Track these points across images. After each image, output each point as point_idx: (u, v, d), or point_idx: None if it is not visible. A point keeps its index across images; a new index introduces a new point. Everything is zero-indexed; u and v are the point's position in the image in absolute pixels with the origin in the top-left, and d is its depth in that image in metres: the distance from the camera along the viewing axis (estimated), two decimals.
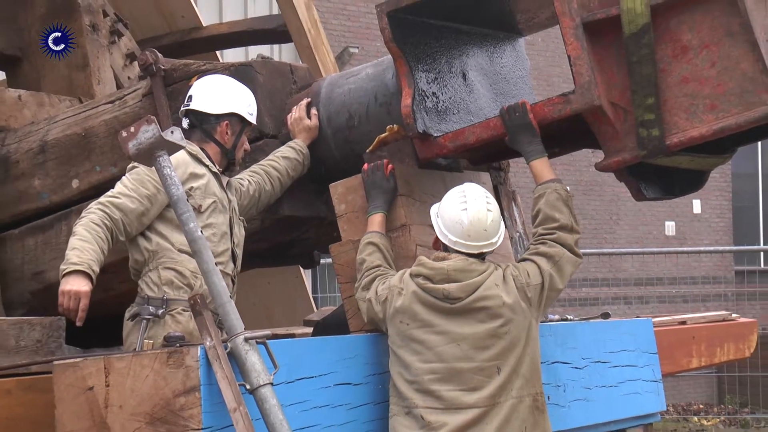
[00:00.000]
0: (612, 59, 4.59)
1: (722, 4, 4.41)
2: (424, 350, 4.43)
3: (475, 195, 4.55)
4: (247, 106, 5.10)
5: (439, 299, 4.45)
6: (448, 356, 4.42)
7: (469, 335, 4.43)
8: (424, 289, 4.47)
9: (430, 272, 4.48)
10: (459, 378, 4.41)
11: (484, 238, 4.51)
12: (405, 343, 4.46)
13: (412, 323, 4.46)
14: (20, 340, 4.81)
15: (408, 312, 4.47)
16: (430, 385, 4.40)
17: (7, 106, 6.08)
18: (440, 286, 4.46)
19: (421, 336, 4.44)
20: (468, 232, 4.50)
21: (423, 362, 4.42)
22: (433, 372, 4.41)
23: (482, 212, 4.51)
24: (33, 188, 5.78)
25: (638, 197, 4.94)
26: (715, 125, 4.47)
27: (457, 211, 4.51)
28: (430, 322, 4.45)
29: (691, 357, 7.03)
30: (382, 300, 4.55)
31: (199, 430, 3.88)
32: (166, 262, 4.91)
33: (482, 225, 4.50)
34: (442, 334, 4.44)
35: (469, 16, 5.11)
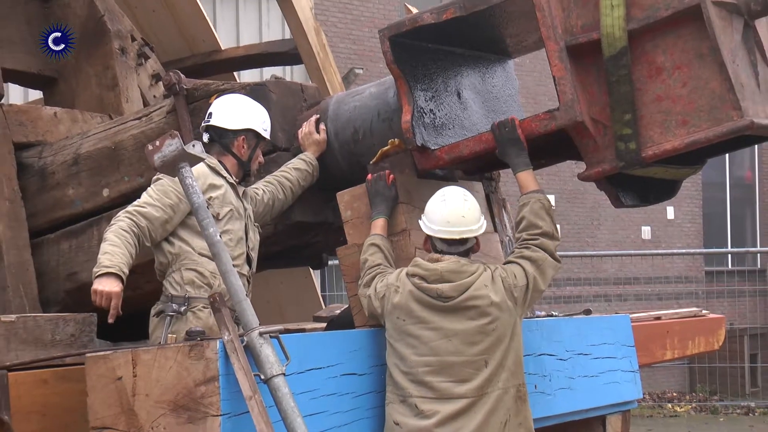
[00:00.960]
0: (593, 79, 4.58)
1: (692, 29, 4.41)
2: (419, 344, 4.44)
3: (453, 191, 4.62)
4: (261, 123, 5.11)
5: (433, 298, 4.46)
6: (440, 350, 4.43)
7: (459, 331, 4.44)
8: (419, 288, 4.48)
9: (425, 273, 4.49)
10: (450, 370, 4.42)
11: (464, 224, 4.54)
12: (401, 337, 4.47)
13: (408, 319, 4.47)
14: (56, 334, 4.81)
15: (404, 309, 4.48)
16: (424, 377, 4.41)
17: (45, 122, 6.09)
18: (434, 286, 4.46)
19: (416, 331, 4.45)
20: (447, 219, 4.53)
21: (417, 355, 4.43)
22: (427, 365, 4.42)
23: (459, 201, 4.56)
24: (67, 196, 5.78)
25: (617, 204, 4.93)
26: (686, 139, 4.47)
27: (437, 204, 4.58)
28: (424, 318, 4.45)
29: (665, 349, 7.02)
30: (380, 297, 4.56)
31: (218, 416, 3.88)
32: (188, 264, 4.91)
33: (460, 212, 4.54)
34: (436, 330, 4.44)
35: (463, 40, 5.11)
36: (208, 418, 3.89)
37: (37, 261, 5.74)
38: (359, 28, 16.18)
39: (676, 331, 7.17)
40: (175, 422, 3.93)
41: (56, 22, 6.54)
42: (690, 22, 4.40)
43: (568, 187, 17.25)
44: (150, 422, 3.97)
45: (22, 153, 5.91)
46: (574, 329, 5.53)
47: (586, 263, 17.58)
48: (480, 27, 4.92)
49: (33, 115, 6.11)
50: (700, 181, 19.79)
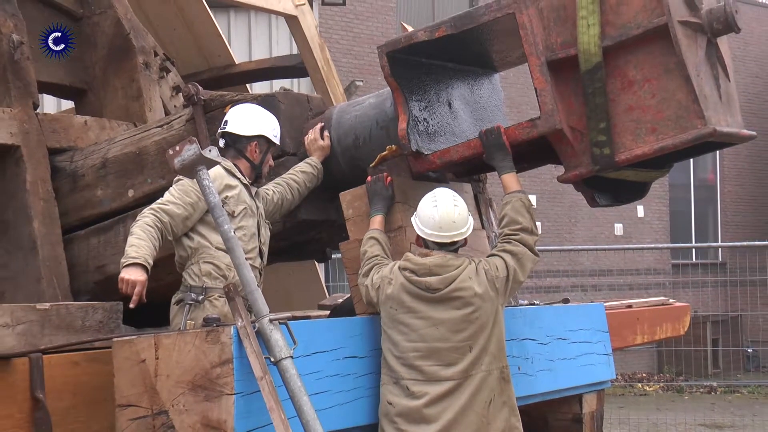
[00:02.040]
0: (571, 91, 4.58)
1: (660, 45, 4.41)
2: (409, 332, 4.45)
3: (444, 195, 4.60)
4: (272, 130, 5.11)
5: (422, 290, 4.47)
6: (428, 337, 4.44)
7: (446, 320, 4.45)
8: (410, 281, 4.49)
9: (415, 267, 4.50)
10: (437, 355, 4.43)
11: (454, 229, 4.54)
12: (393, 325, 4.48)
13: (399, 309, 4.48)
14: (86, 321, 4.80)
15: (396, 299, 4.49)
16: (414, 361, 4.42)
17: (75, 129, 6.08)
18: (423, 279, 4.47)
19: (407, 320, 4.46)
20: (439, 224, 4.53)
21: (408, 341, 4.44)
22: (417, 350, 4.43)
23: (450, 208, 4.55)
24: (96, 197, 5.78)
25: (592, 204, 4.94)
26: (655, 145, 4.46)
27: (429, 209, 4.56)
28: (414, 308, 4.47)
29: (635, 334, 7.03)
30: (376, 288, 4.57)
31: (232, 395, 3.88)
32: (206, 257, 4.91)
33: (451, 218, 4.54)
34: (424, 318, 4.46)
35: (453, 55, 5.11)
36: (223, 397, 3.89)
37: (68, 255, 5.74)
38: (359, 45, 16.17)
39: (646, 318, 7.18)
40: (193, 400, 3.93)
41: (86, 39, 6.54)
42: (658, 40, 4.40)
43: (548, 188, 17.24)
44: (170, 400, 3.97)
45: (56, 157, 5.91)
46: (553, 316, 5.53)
47: (564, 257, 17.58)
48: (469, 44, 4.93)
49: (65, 123, 6.11)
50: (667, 183, 19.79)
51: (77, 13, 6.54)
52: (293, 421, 3.94)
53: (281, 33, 11.98)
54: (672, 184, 20.07)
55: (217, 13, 7.62)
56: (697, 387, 15.82)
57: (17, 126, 5.68)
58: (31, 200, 5.63)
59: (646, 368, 17.83)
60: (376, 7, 16.93)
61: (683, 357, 15.80)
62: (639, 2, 4.42)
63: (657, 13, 4.38)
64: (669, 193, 20.27)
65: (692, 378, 16.13)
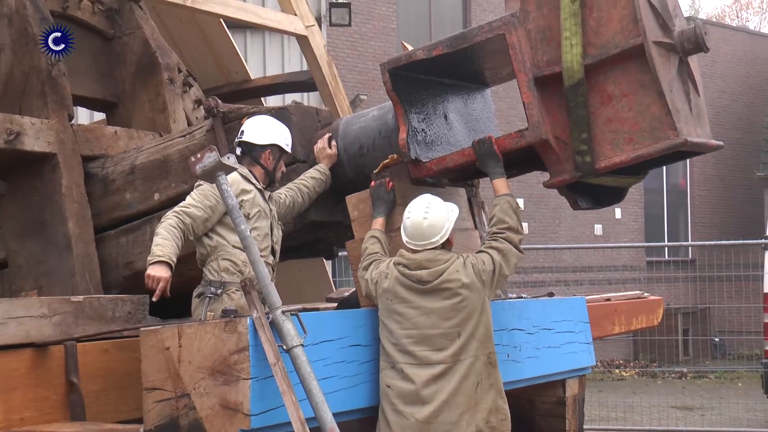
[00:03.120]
0: (556, 104, 4.57)
1: (637, 64, 4.40)
2: (403, 320, 4.46)
3: (417, 207, 4.58)
4: (284, 139, 5.11)
5: (414, 282, 4.48)
6: (420, 324, 4.44)
7: (436, 309, 4.45)
8: (403, 274, 4.50)
9: (408, 261, 4.52)
10: (429, 341, 4.44)
11: (423, 239, 4.54)
12: (389, 314, 4.49)
13: (394, 300, 4.48)
14: (115, 312, 4.81)
15: (392, 291, 4.49)
16: (408, 347, 4.43)
17: (107, 138, 6.09)
18: (414, 272, 4.48)
19: (401, 309, 4.47)
20: (410, 235, 4.55)
21: (402, 329, 4.45)
22: (410, 336, 4.44)
23: (418, 219, 4.54)
24: (125, 200, 5.78)
25: (575, 207, 4.93)
26: (632, 154, 4.46)
27: (404, 218, 4.60)
28: (407, 299, 4.47)
29: (614, 325, 7.01)
30: (374, 282, 4.57)
31: (248, 379, 3.88)
32: (224, 254, 4.92)
33: (419, 229, 4.54)
34: (416, 308, 4.46)
35: (449, 72, 5.10)
36: (240, 381, 3.89)
37: (100, 252, 5.74)
38: (364, 62, 16.17)
39: (623, 310, 7.17)
40: (212, 384, 3.93)
41: (117, 57, 6.55)
42: (635, 59, 4.40)
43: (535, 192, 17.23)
44: (192, 384, 3.97)
45: (88, 164, 5.91)
46: (539, 308, 5.52)
47: (549, 254, 17.58)
48: (463, 61, 4.92)
49: (97, 133, 6.11)
50: (643, 188, 19.78)
51: (109, 34, 6.55)
52: (303, 403, 3.95)
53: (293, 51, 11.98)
54: (647, 188, 20.07)
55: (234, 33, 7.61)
56: (669, 373, 15.81)
57: (54, 136, 5.69)
58: (66, 203, 5.64)
59: (623, 356, 17.83)
60: (378, 27, 16.93)
61: (656, 345, 15.78)
62: (617, 24, 4.42)
63: (633, 34, 4.37)
64: (644, 196, 20.27)
65: (665, 364, 16.13)
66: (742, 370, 15.88)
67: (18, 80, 5.79)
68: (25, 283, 5.67)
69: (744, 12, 40.23)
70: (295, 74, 7.97)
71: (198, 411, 3.93)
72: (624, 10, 4.40)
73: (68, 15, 6.29)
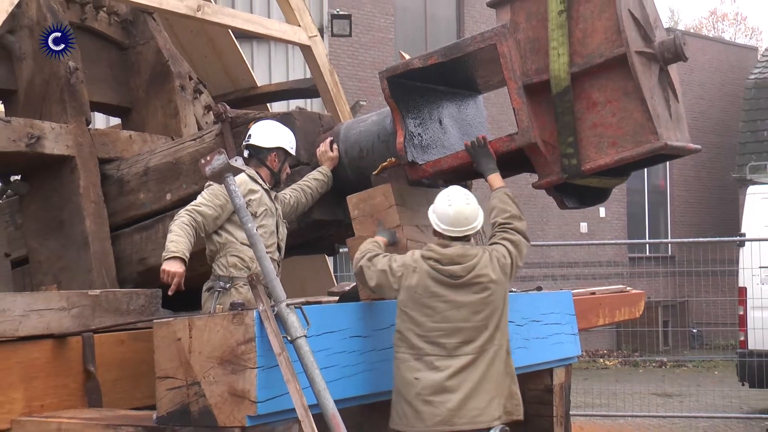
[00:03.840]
0: (544, 110, 4.57)
1: (620, 72, 4.41)
2: (434, 313, 4.36)
3: (457, 194, 4.50)
4: (289, 142, 5.11)
5: (446, 277, 4.38)
6: (451, 318, 4.36)
7: (467, 303, 4.37)
8: (434, 269, 4.39)
9: (439, 256, 4.41)
10: (459, 333, 4.36)
11: (467, 224, 4.45)
12: (417, 307, 4.38)
13: (424, 293, 4.37)
14: (130, 305, 4.81)
15: (422, 286, 4.38)
16: (438, 339, 4.35)
17: (122, 142, 6.09)
18: (447, 268, 4.38)
19: (431, 303, 4.37)
20: (454, 221, 4.43)
21: (433, 322, 4.36)
22: (441, 329, 4.35)
23: (462, 205, 4.45)
24: (139, 200, 5.78)
25: (562, 207, 4.93)
26: (616, 157, 4.46)
27: (444, 207, 4.46)
28: (438, 293, 4.37)
29: (598, 317, 7.02)
30: (398, 275, 4.42)
31: (254, 368, 3.87)
32: (232, 251, 4.91)
33: (463, 215, 4.45)
34: (447, 302, 4.36)
35: (443, 80, 5.10)
36: (247, 370, 3.88)
37: (115, 249, 5.74)
38: (363, 70, 16.17)
39: (607, 303, 7.18)
40: (221, 373, 3.93)
41: (131, 65, 6.54)
42: (618, 67, 4.40)
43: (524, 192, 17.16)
44: (202, 373, 3.96)
45: (105, 166, 5.91)
46: (528, 302, 5.53)
47: (537, 251, 17.57)
48: (457, 70, 4.92)
49: (113, 137, 6.11)
50: (625, 188, 19.77)
51: (124, 44, 6.55)
52: (306, 390, 3.94)
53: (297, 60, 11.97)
54: (629, 189, 20.06)
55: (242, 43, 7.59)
56: (650, 362, 15.83)
57: (72, 139, 5.68)
58: (83, 203, 5.64)
59: (607, 346, 17.84)
60: (377, 38, 16.93)
61: (638, 336, 15.81)
62: (602, 35, 4.42)
63: (617, 45, 4.37)
64: (626, 197, 20.27)
65: (646, 354, 16.15)
66: (718, 360, 15.90)
67: (39, 87, 5.78)
68: (46, 278, 5.67)
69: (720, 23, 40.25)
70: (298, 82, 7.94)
71: (208, 398, 3.92)
72: (608, 22, 4.40)
73: (86, 26, 6.29)
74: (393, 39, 17.10)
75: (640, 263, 19.84)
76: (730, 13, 42.26)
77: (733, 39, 35.19)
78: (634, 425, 10.87)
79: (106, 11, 6.40)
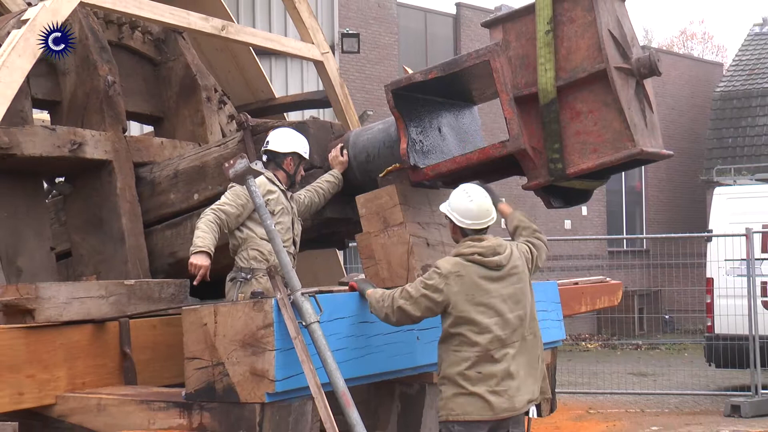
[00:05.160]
0: (532, 120, 4.56)
1: (600, 85, 4.40)
2: (487, 309, 4.19)
3: (476, 190, 4.37)
4: (303, 148, 5.11)
5: (492, 268, 4.21)
6: (501, 310, 4.22)
7: (509, 295, 4.26)
8: (481, 263, 4.20)
9: (482, 249, 4.22)
10: (507, 324, 4.23)
11: (488, 216, 4.32)
12: (472, 307, 4.17)
13: (476, 292, 4.18)
14: (161, 293, 4.81)
15: (472, 285, 4.18)
16: (495, 332, 4.19)
17: (154, 148, 6.08)
18: (493, 258, 4.22)
19: (484, 300, 4.19)
20: (477, 214, 4.29)
21: (488, 317, 4.19)
22: (496, 323, 4.19)
23: (482, 198, 4.33)
24: (169, 200, 5.77)
25: (548, 206, 4.92)
26: (597, 161, 4.45)
27: (466, 203, 4.30)
28: (487, 288, 4.20)
29: (581, 305, 7.00)
30: (439, 289, 4.15)
31: (273, 350, 3.87)
32: (253, 245, 4.92)
33: (485, 207, 4.32)
34: (496, 296, 4.22)
35: (442, 92, 5.09)
36: (266, 352, 3.88)
37: (148, 244, 5.73)
38: (370, 83, 16.16)
39: (588, 292, 7.15)
40: (243, 354, 3.92)
41: (163, 79, 6.54)
42: (599, 81, 4.39)
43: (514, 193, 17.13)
44: (226, 354, 3.96)
45: (139, 169, 5.90)
46: None
47: None
48: (454, 83, 4.91)
49: (146, 143, 6.10)
50: (605, 190, 19.75)
51: (156, 60, 6.54)
52: (319, 370, 3.94)
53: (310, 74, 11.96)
54: (608, 190, 20.03)
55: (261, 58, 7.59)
56: (627, 345, 15.81)
57: (110, 145, 5.68)
58: (120, 202, 5.64)
59: (588, 330, 17.82)
60: (383, 54, 16.92)
61: (616, 322, 15.79)
62: (584, 53, 4.41)
63: (598, 61, 4.37)
64: (606, 197, 20.24)
65: (623, 338, 16.13)
66: (687, 343, 15.89)
67: (81, 99, 5.78)
68: (86, 269, 5.68)
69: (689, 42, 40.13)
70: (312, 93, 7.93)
71: (231, 377, 3.92)
72: (590, 41, 4.39)
73: (123, 44, 6.28)
74: (397, 55, 17.08)
75: (618, 256, 19.81)
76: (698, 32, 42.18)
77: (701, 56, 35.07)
78: (613, 401, 10.86)
79: (140, 31, 6.39)
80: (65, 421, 4.19)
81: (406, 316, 4.20)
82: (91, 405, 4.16)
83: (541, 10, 4.46)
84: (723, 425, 9.28)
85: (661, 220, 21.36)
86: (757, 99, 19.28)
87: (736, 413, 9.73)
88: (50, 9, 4.74)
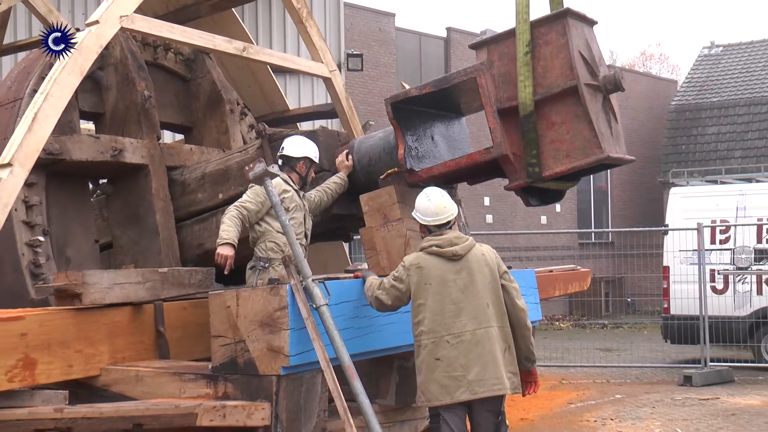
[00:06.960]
0: (513, 129, 4.56)
1: (572, 99, 4.39)
2: (444, 298, 4.05)
3: (433, 190, 4.32)
4: (314, 153, 5.10)
5: (448, 258, 4.07)
6: (458, 300, 4.05)
7: (468, 284, 4.07)
8: (437, 254, 4.08)
9: (439, 241, 4.12)
10: (465, 312, 4.04)
11: (446, 212, 4.22)
12: (429, 296, 4.06)
13: (433, 282, 4.06)
14: (191, 280, 4.81)
15: (429, 275, 4.06)
16: (451, 319, 4.03)
17: (184, 153, 6.07)
18: (449, 249, 4.10)
19: (440, 290, 4.06)
20: (435, 211, 4.21)
21: (445, 305, 4.05)
22: (451, 311, 4.04)
23: (439, 197, 4.27)
24: (198, 199, 5.76)
25: (527, 204, 4.91)
26: (569, 166, 4.45)
27: (425, 202, 4.27)
28: (444, 278, 4.07)
29: (555, 290, 7.01)
30: (404, 279, 4.08)
31: (287, 329, 3.88)
32: (270, 238, 4.91)
33: (442, 204, 4.24)
34: (453, 286, 4.06)
35: (435, 105, 5.08)
36: (282, 331, 3.89)
37: (179, 237, 5.73)
38: (372, 97, 16.14)
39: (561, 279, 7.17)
40: (261, 333, 3.93)
41: (192, 93, 6.52)
42: (571, 96, 4.39)
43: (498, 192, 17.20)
44: (247, 333, 3.96)
45: (171, 172, 5.89)
46: None
47: (507, 238, 17.55)
48: (445, 97, 4.90)
49: (178, 150, 6.09)
50: (576, 190, 19.74)
51: (187, 77, 6.53)
52: (328, 347, 3.95)
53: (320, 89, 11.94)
54: (579, 190, 20.01)
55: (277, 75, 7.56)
56: (595, 324, 15.80)
57: (146, 151, 5.68)
58: (155, 201, 5.63)
59: (561, 312, 17.82)
60: (383, 72, 16.91)
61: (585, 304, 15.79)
62: (558, 71, 4.40)
63: (570, 78, 4.36)
64: (577, 196, 20.22)
65: (591, 318, 16.13)
66: (647, 322, 15.89)
67: (121, 112, 5.78)
68: (125, 259, 5.67)
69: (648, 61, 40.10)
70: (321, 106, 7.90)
71: (251, 353, 3.92)
72: (563, 61, 4.39)
73: (158, 63, 6.27)
74: (395, 73, 17.08)
75: (587, 248, 19.80)
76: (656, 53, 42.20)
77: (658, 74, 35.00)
78: (582, 373, 10.87)
79: (173, 52, 6.39)
80: (108, 390, 4.19)
81: (381, 303, 4.16)
82: (131, 376, 4.17)
83: (521, 34, 4.46)
84: (677, 393, 9.30)
85: (624, 216, 21.35)
86: (707, 111, 19.34)
87: (688, 383, 9.75)
88: (95, 33, 4.73)
